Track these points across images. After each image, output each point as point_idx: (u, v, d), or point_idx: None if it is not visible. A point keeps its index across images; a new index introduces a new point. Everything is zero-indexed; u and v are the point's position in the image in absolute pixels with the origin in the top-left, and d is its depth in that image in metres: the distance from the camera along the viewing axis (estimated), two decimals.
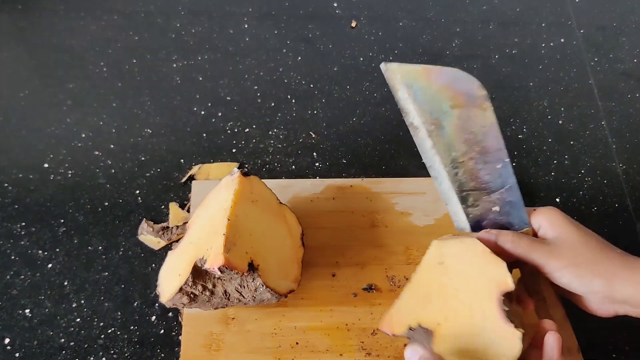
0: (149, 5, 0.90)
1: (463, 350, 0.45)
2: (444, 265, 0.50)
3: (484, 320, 0.45)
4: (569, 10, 0.95)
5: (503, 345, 0.43)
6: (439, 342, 0.46)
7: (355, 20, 0.91)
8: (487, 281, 0.46)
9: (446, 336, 0.46)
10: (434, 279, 0.50)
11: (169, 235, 0.66)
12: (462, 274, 0.49)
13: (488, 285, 0.46)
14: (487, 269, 0.47)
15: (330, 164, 0.75)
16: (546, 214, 0.51)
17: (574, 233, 0.49)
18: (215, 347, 0.58)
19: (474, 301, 0.46)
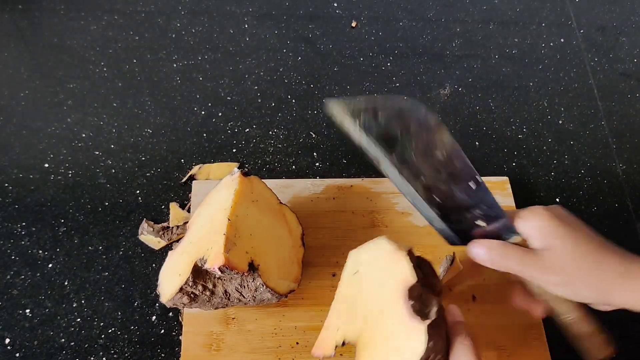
0: (150, 5, 0.90)
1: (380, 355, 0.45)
2: (358, 274, 0.50)
3: (393, 319, 0.45)
4: (569, 10, 0.95)
5: (411, 340, 0.43)
6: (360, 354, 0.46)
7: (356, 20, 0.91)
8: (393, 280, 0.46)
9: (365, 346, 0.46)
10: (351, 290, 0.51)
11: (169, 235, 0.66)
12: (374, 278, 0.49)
13: (395, 284, 0.46)
14: (393, 268, 0.47)
15: (331, 164, 0.75)
16: (532, 222, 0.47)
17: (565, 242, 0.46)
18: (215, 347, 0.58)
19: (384, 303, 0.46)
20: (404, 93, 0.83)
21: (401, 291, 0.45)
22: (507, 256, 0.47)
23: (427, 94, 0.83)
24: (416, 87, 0.84)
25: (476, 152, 0.77)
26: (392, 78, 0.84)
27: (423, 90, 0.83)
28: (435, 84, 0.84)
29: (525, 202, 0.72)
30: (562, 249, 0.46)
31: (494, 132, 0.79)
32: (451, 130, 0.79)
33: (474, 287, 0.63)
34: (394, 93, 0.83)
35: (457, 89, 0.84)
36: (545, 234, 0.47)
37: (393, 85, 0.83)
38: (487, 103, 0.82)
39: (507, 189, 0.71)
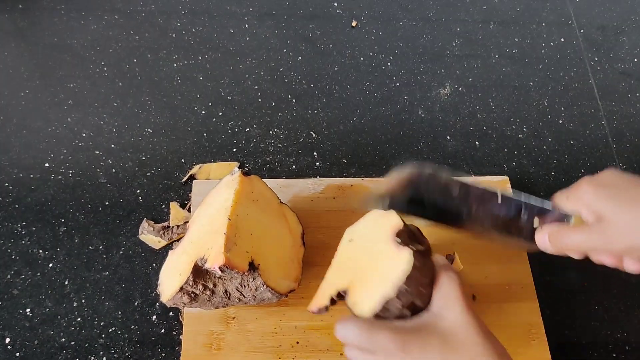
0: (150, 5, 0.90)
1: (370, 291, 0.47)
2: (353, 242, 0.54)
3: (382, 258, 0.48)
4: (569, 10, 0.95)
5: (397, 263, 0.46)
6: (352, 295, 0.49)
7: (356, 20, 0.91)
8: (383, 231, 0.50)
9: (357, 289, 0.49)
10: (346, 255, 0.54)
11: (170, 235, 0.66)
12: (366, 239, 0.53)
13: (384, 233, 0.50)
14: (383, 223, 0.51)
15: (331, 164, 0.75)
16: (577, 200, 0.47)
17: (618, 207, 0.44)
18: (216, 346, 0.58)
19: (374, 251, 0.50)
20: (404, 93, 0.83)
21: (390, 234, 0.49)
22: (568, 237, 0.47)
23: (427, 93, 0.83)
24: (416, 87, 0.84)
25: (476, 152, 0.77)
26: (392, 78, 0.84)
27: (423, 90, 0.83)
28: (435, 84, 0.84)
29: None
30: (620, 212, 0.44)
31: (494, 132, 0.79)
32: (451, 130, 0.79)
33: (474, 287, 0.63)
34: (393, 93, 0.83)
35: (457, 88, 0.84)
36: (593, 208, 0.45)
37: (393, 85, 0.83)
38: (487, 103, 0.82)
39: (507, 188, 0.71)
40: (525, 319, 0.61)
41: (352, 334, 0.44)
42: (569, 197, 0.48)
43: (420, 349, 0.42)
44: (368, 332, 0.44)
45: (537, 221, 0.51)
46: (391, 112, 0.81)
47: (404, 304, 0.45)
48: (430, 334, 0.43)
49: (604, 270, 0.69)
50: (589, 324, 0.64)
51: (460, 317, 0.44)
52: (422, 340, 0.43)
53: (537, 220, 0.51)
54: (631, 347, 0.63)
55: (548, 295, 0.65)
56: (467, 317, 0.44)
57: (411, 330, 0.44)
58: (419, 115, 0.80)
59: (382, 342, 0.43)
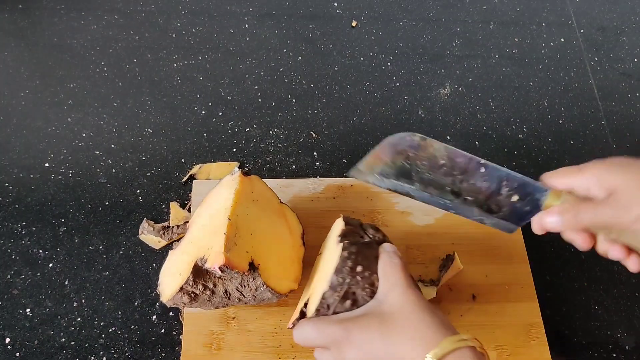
0: (150, 5, 0.90)
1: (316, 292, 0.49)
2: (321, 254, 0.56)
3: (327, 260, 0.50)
4: (569, 10, 0.95)
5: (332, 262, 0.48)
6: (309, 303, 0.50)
7: (356, 20, 0.91)
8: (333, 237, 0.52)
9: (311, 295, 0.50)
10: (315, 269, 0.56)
11: (170, 235, 0.66)
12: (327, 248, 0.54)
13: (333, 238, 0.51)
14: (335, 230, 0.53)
15: (331, 164, 0.75)
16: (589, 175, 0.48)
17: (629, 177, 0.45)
18: (216, 346, 0.58)
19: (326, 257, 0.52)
20: (404, 93, 0.83)
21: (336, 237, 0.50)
22: (581, 211, 0.47)
23: (427, 93, 0.83)
24: (416, 87, 0.84)
25: (476, 152, 0.77)
26: (392, 78, 0.84)
27: (423, 90, 0.83)
28: (435, 84, 0.84)
29: None
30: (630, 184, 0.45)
31: (494, 132, 0.79)
32: (451, 130, 0.79)
33: (474, 287, 0.63)
34: (393, 93, 0.83)
35: (457, 88, 0.84)
36: (604, 180, 0.46)
37: (393, 85, 0.84)
38: (487, 103, 0.82)
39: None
40: (525, 319, 0.61)
41: (305, 336, 0.47)
42: (580, 172, 0.49)
43: (360, 333, 0.44)
44: (316, 329, 0.45)
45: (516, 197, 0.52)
46: (391, 112, 0.81)
47: (341, 295, 0.46)
48: (371, 318, 0.44)
49: (604, 270, 0.69)
50: (589, 324, 0.64)
51: (400, 298, 0.45)
52: (364, 325, 0.44)
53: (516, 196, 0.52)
54: (631, 347, 0.63)
55: (548, 295, 0.65)
56: (407, 297, 0.45)
57: (354, 319, 0.45)
58: (419, 115, 0.80)
59: (330, 335, 0.45)
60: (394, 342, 0.42)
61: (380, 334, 0.43)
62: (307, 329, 0.47)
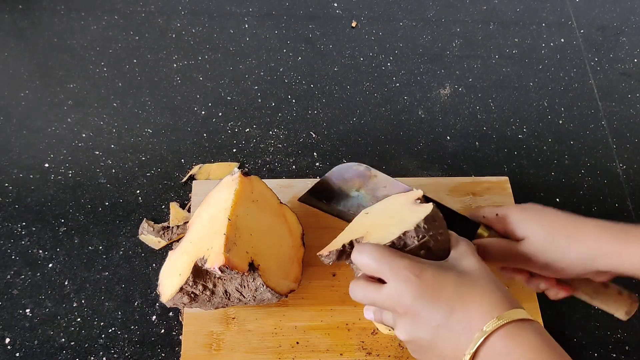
0: (150, 5, 0.90)
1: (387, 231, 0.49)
2: (369, 214, 0.57)
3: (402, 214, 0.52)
4: (569, 10, 0.95)
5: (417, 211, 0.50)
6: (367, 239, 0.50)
7: (356, 20, 0.91)
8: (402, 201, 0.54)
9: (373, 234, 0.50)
10: (361, 222, 0.56)
11: (170, 235, 0.66)
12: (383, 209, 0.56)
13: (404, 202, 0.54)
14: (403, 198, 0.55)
15: (331, 164, 0.75)
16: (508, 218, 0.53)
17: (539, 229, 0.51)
18: (215, 346, 0.58)
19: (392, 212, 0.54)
20: (404, 93, 0.83)
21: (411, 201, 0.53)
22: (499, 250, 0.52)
23: (427, 94, 0.83)
24: (416, 87, 0.84)
25: (476, 152, 0.77)
26: (392, 78, 0.84)
27: (423, 90, 0.83)
28: (435, 84, 0.84)
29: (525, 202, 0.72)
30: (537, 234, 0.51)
31: (494, 132, 0.79)
32: (451, 130, 0.79)
33: None
34: (393, 93, 0.83)
35: (457, 89, 0.84)
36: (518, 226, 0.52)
37: (393, 85, 0.83)
38: (487, 103, 0.82)
39: (507, 189, 0.71)
40: None
41: (369, 257, 0.45)
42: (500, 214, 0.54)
43: (434, 277, 0.43)
44: (386, 256, 0.44)
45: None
46: (391, 113, 0.81)
47: (420, 242, 0.46)
48: (448, 269, 0.44)
49: None
50: (589, 324, 0.64)
51: (476, 264, 0.45)
52: (438, 271, 0.44)
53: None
54: (631, 347, 0.63)
55: None
56: (480, 265, 0.45)
57: (428, 262, 0.45)
58: (419, 115, 0.80)
59: (398, 266, 0.44)
60: (466, 295, 0.42)
61: (454, 284, 0.43)
62: (377, 251, 0.45)
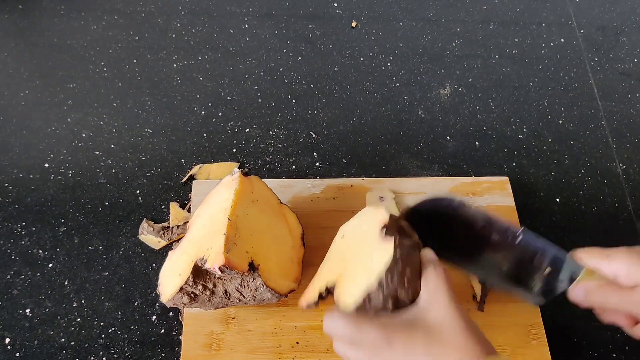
0: (150, 5, 0.90)
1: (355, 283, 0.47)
2: (344, 238, 0.55)
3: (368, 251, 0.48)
4: (569, 10, 0.95)
5: (381, 254, 0.46)
6: (338, 288, 0.49)
7: (356, 20, 0.91)
8: (372, 227, 0.50)
9: (343, 282, 0.49)
10: (337, 251, 0.54)
11: (170, 235, 0.66)
12: (356, 234, 0.53)
13: (373, 228, 0.50)
14: (372, 218, 0.51)
15: (331, 164, 0.75)
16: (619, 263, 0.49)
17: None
18: (215, 346, 0.58)
19: (362, 246, 0.50)
20: (404, 93, 0.83)
21: (377, 229, 0.49)
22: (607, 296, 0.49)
23: (427, 94, 0.83)
24: (416, 87, 0.84)
25: (476, 152, 0.77)
26: (392, 78, 0.84)
27: (423, 91, 0.83)
28: (435, 84, 0.84)
29: (525, 202, 0.72)
30: None
31: (494, 132, 0.79)
32: (451, 130, 0.79)
33: (475, 288, 0.63)
34: (393, 93, 0.83)
35: (457, 89, 0.84)
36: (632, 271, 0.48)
37: (393, 85, 0.83)
38: (487, 103, 0.82)
39: (507, 189, 0.71)
40: (525, 319, 0.61)
41: (339, 328, 0.45)
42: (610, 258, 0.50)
43: (404, 344, 0.43)
44: (354, 326, 0.44)
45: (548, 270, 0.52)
46: (391, 113, 0.81)
47: (386, 296, 0.45)
48: (416, 329, 0.43)
49: None
50: (589, 324, 0.64)
51: (446, 312, 0.44)
52: (407, 335, 0.43)
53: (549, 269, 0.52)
54: (631, 347, 0.63)
55: None
56: (453, 311, 0.44)
57: (396, 325, 0.44)
58: (419, 115, 0.80)
59: (368, 336, 0.43)
60: (438, 356, 0.42)
61: (424, 346, 0.42)
62: (343, 322, 0.45)
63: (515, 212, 0.68)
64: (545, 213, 0.72)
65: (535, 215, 0.71)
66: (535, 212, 0.72)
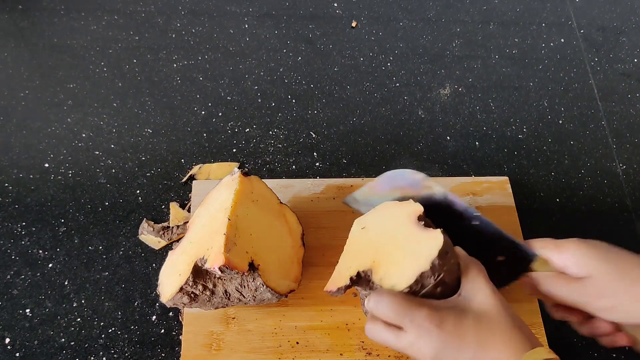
0: (150, 5, 0.90)
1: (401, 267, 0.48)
2: (366, 229, 0.56)
3: (408, 239, 0.50)
4: (569, 10, 0.95)
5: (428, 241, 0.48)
6: (378, 273, 0.49)
7: (356, 20, 0.91)
8: (402, 217, 0.52)
9: (383, 267, 0.49)
10: (360, 241, 0.55)
11: (170, 235, 0.66)
12: (382, 225, 0.54)
13: (404, 219, 0.52)
14: (400, 211, 0.53)
15: (331, 164, 0.75)
16: (568, 252, 0.49)
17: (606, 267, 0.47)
18: (215, 346, 0.58)
19: (397, 235, 0.51)
20: (404, 93, 0.83)
21: (412, 219, 0.51)
22: (556, 287, 0.49)
23: (427, 94, 0.83)
24: (416, 87, 0.84)
25: (476, 152, 0.77)
26: (392, 78, 0.84)
27: (423, 91, 0.83)
28: (435, 84, 0.84)
29: (525, 202, 0.72)
30: (604, 274, 0.47)
31: (494, 132, 0.79)
32: (451, 130, 0.79)
33: None
34: (393, 93, 0.83)
35: (457, 89, 0.84)
36: (581, 262, 0.48)
37: (393, 85, 0.83)
38: (487, 103, 0.82)
39: (507, 189, 0.71)
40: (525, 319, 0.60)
41: (388, 308, 0.45)
42: (559, 248, 0.50)
43: (455, 326, 0.43)
44: (405, 305, 0.44)
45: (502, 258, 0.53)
46: (391, 113, 0.81)
47: (437, 280, 0.45)
48: (466, 314, 0.44)
49: None
50: None
51: (490, 301, 0.45)
52: (457, 319, 0.44)
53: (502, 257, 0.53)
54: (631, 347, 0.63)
55: None
56: (496, 301, 0.45)
57: (447, 309, 0.44)
58: (419, 115, 0.80)
59: (420, 314, 0.44)
60: (487, 342, 0.42)
61: (474, 331, 0.43)
62: (394, 302, 0.45)
63: (515, 212, 0.68)
64: (545, 213, 0.72)
65: (535, 215, 0.71)
66: (535, 212, 0.72)
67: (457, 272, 0.47)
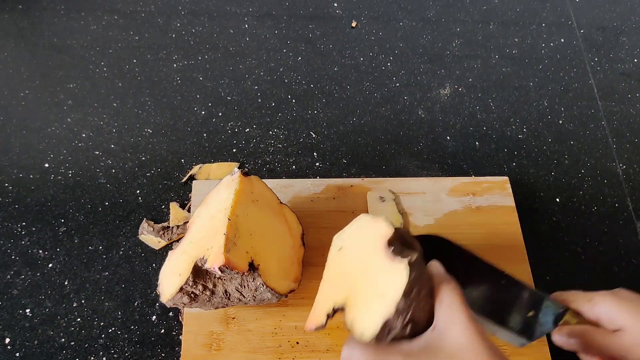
0: (150, 5, 0.90)
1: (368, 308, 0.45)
2: (343, 250, 0.52)
3: (377, 271, 0.46)
4: (569, 10, 0.95)
5: (393, 279, 0.44)
6: (349, 312, 0.47)
7: (356, 20, 0.91)
8: (374, 240, 0.48)
9: (352, 304, 0.47)
10: (338, 265, 0.52)
11: (170, 235, 0.66)
12: (357, 247, 0.50)
13: (376, 243, 0.47)
14: (373, 231, 0.49)
15: (331, 164, 0.75)
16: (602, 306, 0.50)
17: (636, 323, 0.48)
18: (215, 346, 0.58)
19: (367, 263, 0.48)
20: (404, 93, 0.83)
21: (381, 244, 0.46)
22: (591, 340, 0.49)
23: (427, 94, 0.83)
24: (416, 87, 0.84)
25: (476, 152, 0.77)
26: (392, 78, 0.84)
27: (423, 91, 0.83)
28: (435, 84, 0.84)
29: (525, 202, 0.72)
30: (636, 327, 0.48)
31: (494, 132, 0.79)
32: (451, 130, 0.79)
33: None
34: (393, 93, 0.83)
35: (457, 89, 0.84)
36: (613, 315, 0.49)
37: (393, 85, 0.83)
38: (487, 103, 0.82)
39: (507, 189, 0.71)
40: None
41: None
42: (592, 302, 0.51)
43: None
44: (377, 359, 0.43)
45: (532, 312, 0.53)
46: (391, 113, 0.81)
47: (405, 321, 0.43)
48: (437, 354, 0.42)
49: (604, 270, 0.69)
50: None
51: (465, 335, 0.42)
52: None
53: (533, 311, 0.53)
54: None
55: None
56: (471, 333, 0.42)
57: (418, 354, 0.42)
58: (419, 115, 0.80)
59: None
60: None
61: None
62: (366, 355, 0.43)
63: (515, 212, 0.68)
64: (545, 213, 0.72)
65: (535, 215, 0.71)
66: (535, 212, 0.72)
67: (429, 303, 0.44)
